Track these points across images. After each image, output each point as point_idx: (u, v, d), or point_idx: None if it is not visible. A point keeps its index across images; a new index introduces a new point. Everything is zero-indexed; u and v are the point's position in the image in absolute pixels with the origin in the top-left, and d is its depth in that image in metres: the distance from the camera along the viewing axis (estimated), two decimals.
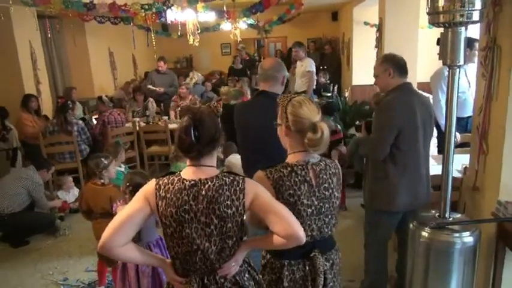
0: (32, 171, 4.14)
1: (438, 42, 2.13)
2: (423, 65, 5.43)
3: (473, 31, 2.64)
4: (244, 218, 1.56)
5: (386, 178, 2.48)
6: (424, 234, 2.18)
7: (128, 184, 2.54)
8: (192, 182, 1.51)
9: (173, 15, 5.18)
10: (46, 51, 6.90)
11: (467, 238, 2.11)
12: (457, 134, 3.53)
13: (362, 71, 7.78)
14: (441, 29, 2.10)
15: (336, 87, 8.30)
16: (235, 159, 3.73)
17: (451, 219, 2.25)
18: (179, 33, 7.27)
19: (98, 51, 8.19)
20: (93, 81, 7.98)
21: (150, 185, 1.55)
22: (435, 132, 3.57)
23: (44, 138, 5.08)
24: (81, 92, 7.77)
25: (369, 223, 2.73)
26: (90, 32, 7.80)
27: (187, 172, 1.56)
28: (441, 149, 3.51)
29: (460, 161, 2.98)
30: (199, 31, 5.32)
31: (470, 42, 3.30)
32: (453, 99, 2.13)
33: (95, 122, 5.99)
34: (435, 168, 3.09)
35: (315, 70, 6.59)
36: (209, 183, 1.50)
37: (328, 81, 7.98)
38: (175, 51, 11.36)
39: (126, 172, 3.88)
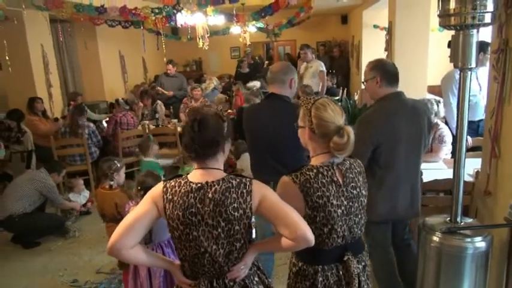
0: (44, 173, 4.19)
1: (449, 44, 2.11)
2: (434, 67, 5.38)
3: (486, 34, 2.61)
4: (252, 220, 1.55)
5: None
6: (435, 239, 2.16)
7: (139, 188, 2.55)
8: (199, 185, 1.51)
9: (183, 18, 5.21)
10: (58, 55, 6.99)
11: (480, 243, 2.08)
12: (469, 137, 3.49)
13: None
14: (452, 32, 2.08)
15: (345, 91, 8.26)
16: (247, 161, 3.71)
17: (462, 223, 2.21)
18: (189, 37, 7.34)
19: (109, 54, 8.27)
20: (103, 85, 8.06)
21: (158, 188, 1.56)
22: (450, 138, 3.51)
23: (55, 140, 5.14)
24: (92, 95, 7.87)
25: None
26: (101, 35, 7.88)
27: (194, 175, 1.55)
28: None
29: (472, 165, 2.93)
30: (208, 34, 5.35)
31: (483, 46, 3.26)
32: (464, 103, 2.10)
33: (105, 124, 6.04)
34: (446, 172, 3.05)
35: (325, 70, 6.59)
36: (216, 185, 1.50)
37: (335, 85, 7.95)
38: (185, 54, 11.44)
39: (158, 162, 4.12)
